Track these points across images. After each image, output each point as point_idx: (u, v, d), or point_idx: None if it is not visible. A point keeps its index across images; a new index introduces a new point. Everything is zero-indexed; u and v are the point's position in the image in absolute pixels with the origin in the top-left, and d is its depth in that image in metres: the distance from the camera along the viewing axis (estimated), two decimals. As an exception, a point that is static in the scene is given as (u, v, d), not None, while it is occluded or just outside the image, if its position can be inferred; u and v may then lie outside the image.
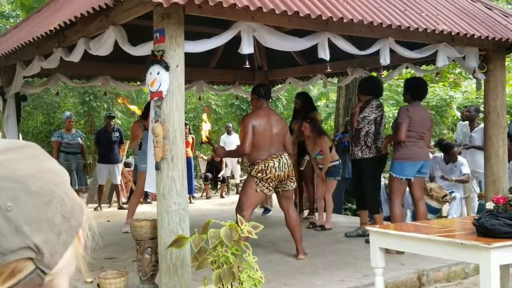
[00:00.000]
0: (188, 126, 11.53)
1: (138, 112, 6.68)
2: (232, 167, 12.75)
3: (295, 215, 5.59)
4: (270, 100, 5.74)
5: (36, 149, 0.73)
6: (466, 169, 7.80)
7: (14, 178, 0.67)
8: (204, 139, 5.81)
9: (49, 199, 0.68)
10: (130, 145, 7.47)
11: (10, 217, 0.65)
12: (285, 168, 5.32)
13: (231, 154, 7.38)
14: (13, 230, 0.65)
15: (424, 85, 6.13)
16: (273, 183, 5.31)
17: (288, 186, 5.45)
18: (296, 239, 5.56)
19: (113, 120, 9.82)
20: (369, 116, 6.12)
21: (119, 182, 9.88)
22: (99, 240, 0.79)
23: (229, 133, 12.68)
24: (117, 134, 9.57)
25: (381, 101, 6.46)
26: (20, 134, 7.48)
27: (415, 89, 5.98)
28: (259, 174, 5.24)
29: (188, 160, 10.77)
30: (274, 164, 5.26)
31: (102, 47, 4.61)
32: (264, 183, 5.26)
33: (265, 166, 5.24)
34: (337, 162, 7.21)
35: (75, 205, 0.73)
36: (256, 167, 5.27)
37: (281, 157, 5.33)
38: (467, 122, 8.65)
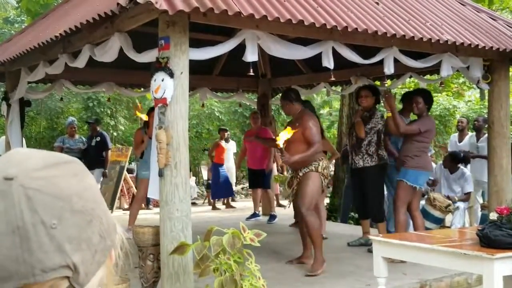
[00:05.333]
0: (227, 133, 11.79)
1: (146, 119, 6.65)
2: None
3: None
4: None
5: (78, 165, 0.74)
6: (469, 188, 7.80)
7: (60, 196, 0.67)
8: (279, 144, 5.56)
9: (91, 218, 0.69)
10: (135, 152, 7.50)
11: (54, 234, 0.65)
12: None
13: (304, 158, 6.15)
14: (56, 248, 0.65)
15: (432, 97, 6.26)
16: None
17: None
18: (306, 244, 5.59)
19: (94, 125, 9.67)
20: (375, 127, 6.16)
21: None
22: (130, 259, 0.79)
23: (226, 140, 12.70)
24: (98, 138, 9.45)
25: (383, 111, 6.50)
26: (23, 139, 7.49)
27: (431, 101, 6.04)
28: (325, 171, 5.43)
29: (221, 166, 11.15)
30: (328, 162, 5.60)
31: (107, 53, 4.63)
32: (325, 179, 5.50)
33: (327, 163, 5.55)
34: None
35: (110, 224, 0.74)
36: (321, 163, 5.37)
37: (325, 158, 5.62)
38: (459, 133, 8.86)
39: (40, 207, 0.65)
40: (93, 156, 9.34)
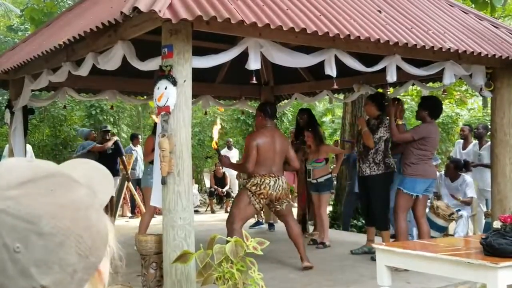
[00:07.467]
0: None
1: None
2: (230, 183, 12.75)
3: (295, 227, 5.79)
4: (275, 119, 5.84)
5: (60, 178, 0.70)
6: (470, 192, 7.77)
7: (27, 217, 0.64)
8: (214, 146, 5.94)
9: (63, 239, 0.66)
10: (144, 159, 7.52)
11: (18, 259, 0.63)
12: (279, 190, 5.50)
13: (234, 167, 7.35)
14: (20, 272, 0.63)
15: (441, 104, 6.27)
16: (264, 200, 5.49)
17: (279, 207, 5.63)
18: (300, 249, 5.70)
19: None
20: (384, 136, 6.15)
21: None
22: (123, 267, 0.78)
23: (229, 148, 12.70)
24: (113, 146, 9.48)
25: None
26: (28, 146, 7.49)
27: (435, 108, 6.01)
28: (253, 188, 5.43)
29: None
30: (270, 182, 5.45)
31: (110, 61, 4.64)
32: (256, 197, 5.43)
33: (260, 181, 5.43)
34: (330, 176, 7.28)
35: (97, 239, 0.70)
36: (252, 180, 5.47)
37: (278, 178, 5.52)
38: (464, 141, 8.84)
39: (3, 230, 0.63)
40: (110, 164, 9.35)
